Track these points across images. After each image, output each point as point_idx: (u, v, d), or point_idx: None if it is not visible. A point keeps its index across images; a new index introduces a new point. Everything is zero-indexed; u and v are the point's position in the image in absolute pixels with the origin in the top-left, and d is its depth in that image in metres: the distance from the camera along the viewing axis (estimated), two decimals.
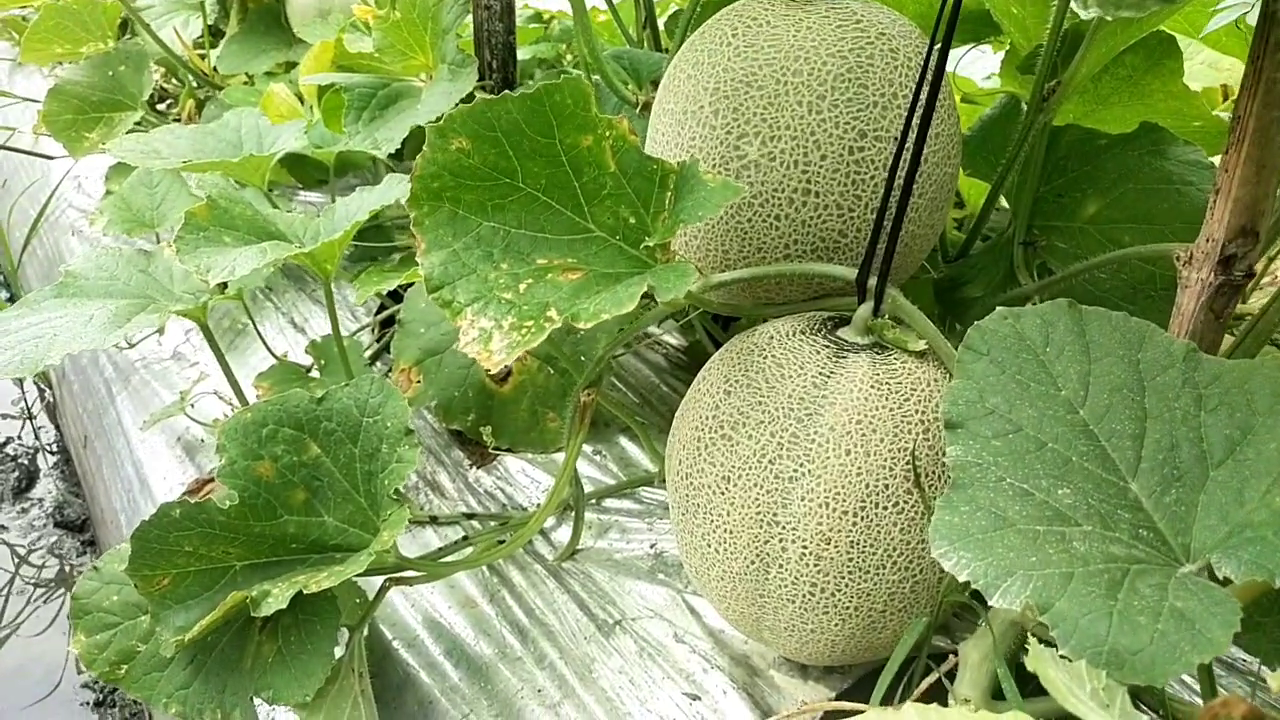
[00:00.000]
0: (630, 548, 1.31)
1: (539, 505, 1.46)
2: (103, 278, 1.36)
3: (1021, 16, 1.09)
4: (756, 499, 0.90)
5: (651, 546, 1.30)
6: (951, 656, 0.97)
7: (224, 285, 1.50)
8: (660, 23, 1.77)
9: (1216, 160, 1.12)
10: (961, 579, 0.69)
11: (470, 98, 1.71)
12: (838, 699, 1.09)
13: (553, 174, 0.88)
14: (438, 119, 0.84)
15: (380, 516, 1.14)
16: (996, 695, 0.86)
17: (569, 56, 2.29)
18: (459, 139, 0.84)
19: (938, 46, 0.85)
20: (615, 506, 1.38)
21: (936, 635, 1.01)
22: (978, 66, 1.71)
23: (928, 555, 0.90)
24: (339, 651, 1.08)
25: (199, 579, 1.11)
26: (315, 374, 1.66)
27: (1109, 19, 0.70)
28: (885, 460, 0.88)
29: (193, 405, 1.68)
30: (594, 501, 1.39)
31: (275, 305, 2.13)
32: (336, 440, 1.15)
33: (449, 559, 1.25)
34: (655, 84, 1.51)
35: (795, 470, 0.89)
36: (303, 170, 2.12)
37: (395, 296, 1.94)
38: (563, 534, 1.36)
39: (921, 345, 0.94)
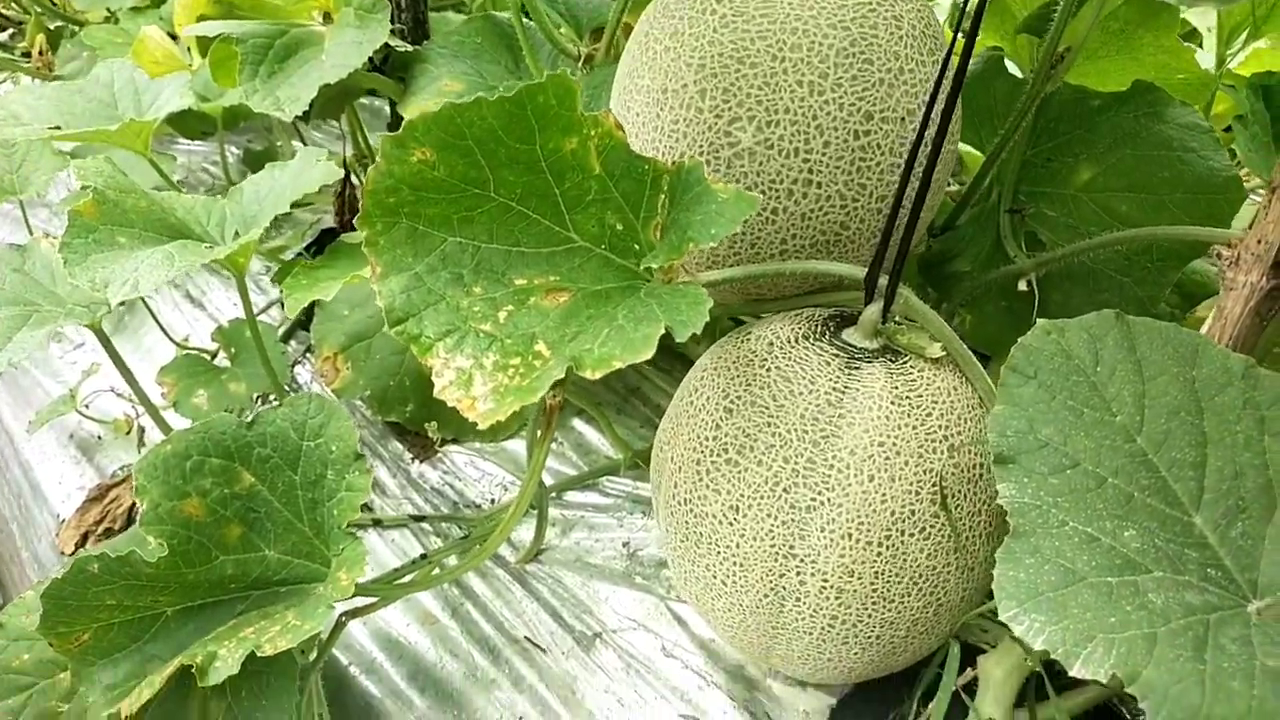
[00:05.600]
0: (601, 547, 1.22)
1: (494, 502, 1.35)
2: None
3: None
4: (770, 530, 0.82)
5: (624, 545, 1.22)
6: (969, 669, 0.92)
7: None
8: None
9: (1210, 122, 1.06)
10: (1037, 646, 0.63)
11: (386, 52, 1.54)
12: (839, 705, 1.04)
13: (530, 181, 0.75)
14: (397, 127, 0.70)
15: (331, 549, 1.02)
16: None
17: None
18: (421, 149, 0.70)
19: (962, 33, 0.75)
20: (579, 500, 1.29)
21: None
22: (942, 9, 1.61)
23: (952, 578, 0.84)
24: None
25: (125, 630, 0.98)
26: (223, 361, 1.50)
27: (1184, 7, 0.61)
28: (910, 484, 0.81)
29: (86, 406, 1.50)
30: (555, 495, 1.30)
31: None
32: (273, 467, 1.02)
33: (408, 579, 1.14)
34: (597, 33, 1.36)
35: (813, 499, 0.81)
36: (183, 122, 1.89)
37: None
38: (524, 531, 1.26)
39: (939, 351, 0.86)
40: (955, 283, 1.13)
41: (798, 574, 0.82)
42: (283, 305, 1.65)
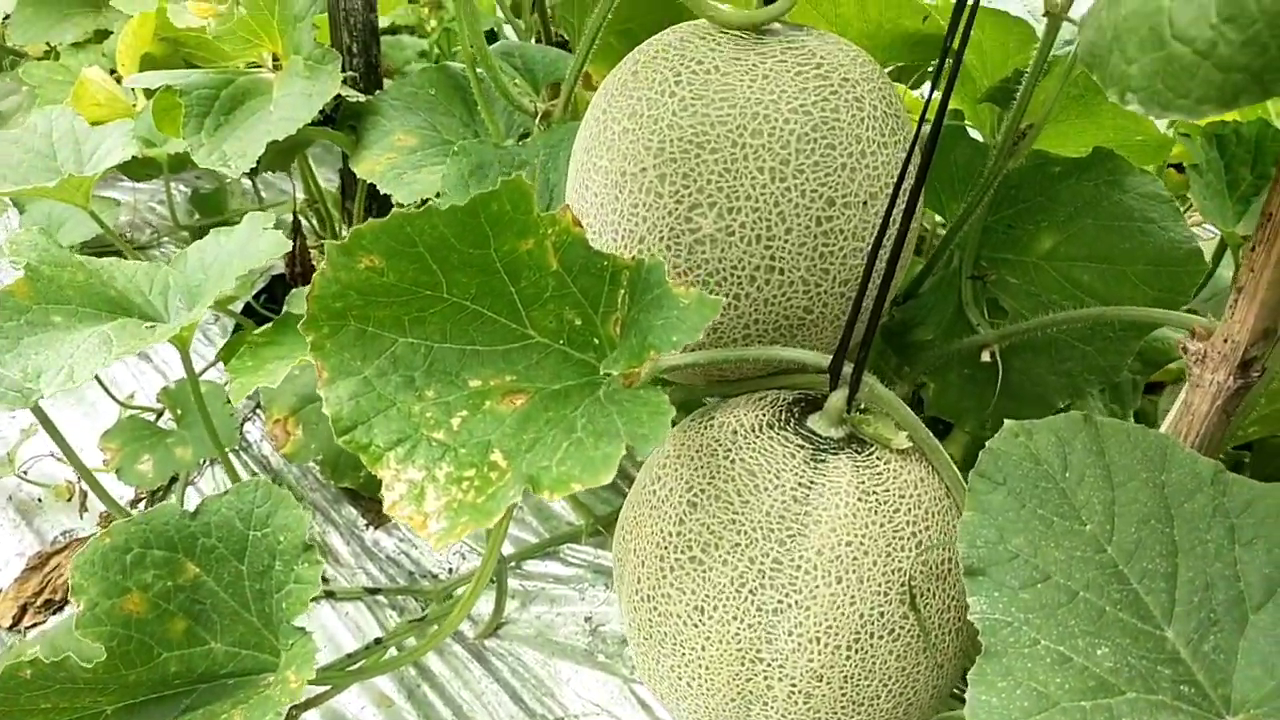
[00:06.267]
0: (562, 621, 1.19)
1: (451, 571, 1.32)
2: None
3: (981, 41, 0.98)
4: (736, 634, 0.80)
5: (586, 620, 1.19)
6: None
7: None
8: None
9: (1164, 187, 1.06)
10: None
11: (337, 101, 1.49)
12: None
13: (484, 282, 0.73)
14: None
15: (280, 640, 0.98)
16: None
17: (432, 22, 2.05)
18: (369, 257, 0.67)
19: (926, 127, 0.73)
20: (539, 570, 1.26)
21: None
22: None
23: (922, 677, 0.82)
24: None
25: None
26: (169, 423, 1.44)
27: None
28: (879, 585, 0.79)
29: (25, 472, 1.44)
30: (514, 565, 1.26)
31: None
32: (219, 558, 0.98)
33: (361, 664, 1.10)
34: (554, 88, 1.33)
35: (780, 602, 0.79)
36: (130, 166, 1.83)
37: (252, 313, 1.71)
38: (483, 604, 1.22)
39: (906, 442, 0.84)
40: (918, 351, 1.12)
41: (765, 679, 0.80)
42: None
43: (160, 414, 1.49)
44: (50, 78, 1.95)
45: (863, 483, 0.81)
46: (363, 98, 1.47)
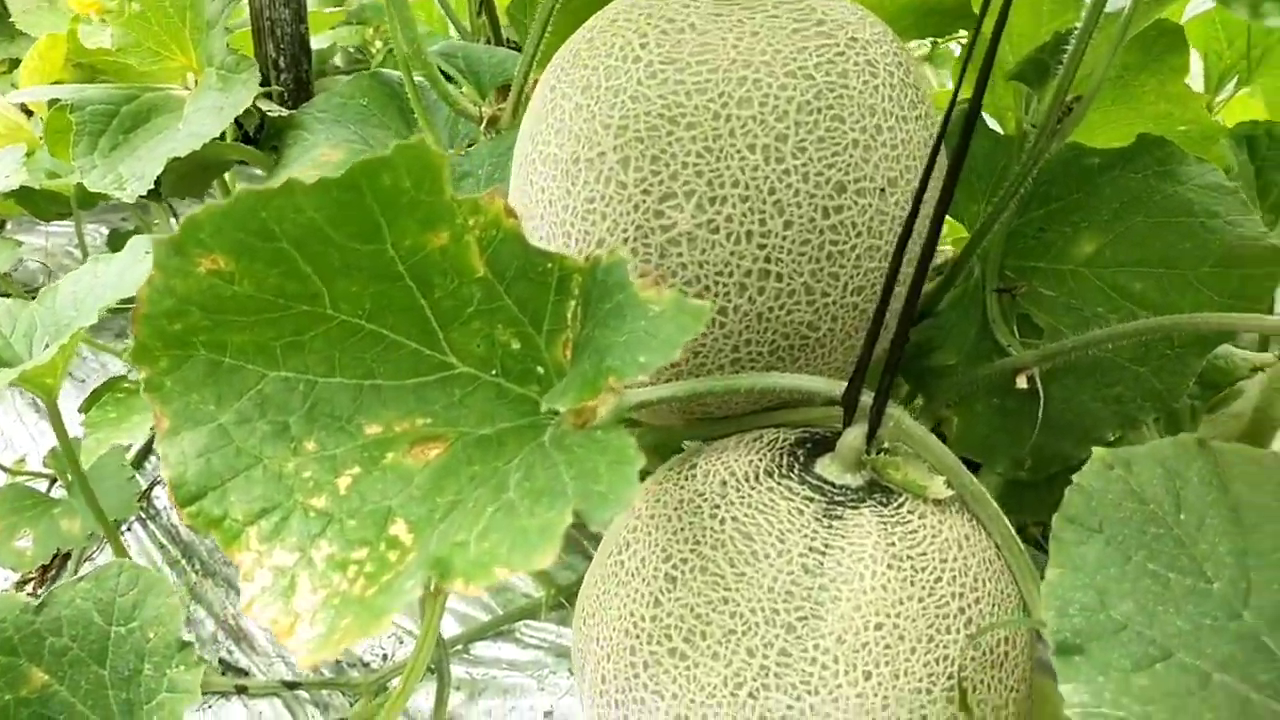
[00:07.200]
0: (517, 717, 0.98)
1: (386, 658, 1.11)
2: None
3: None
4: None
5: (546, 716, 0.98)
6: None
7: None
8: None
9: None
10: None
11: (254, 112, 1.32)
12: None
13: (383, 292, 0.54)
14: (182, 228, 0.47)
15: None
16: None
17: (377, 43, 1.89)
18: (210, 256, 0.48)
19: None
20: (490, 654, 1.05)
21: None
22: None
23: None
24: None
25: None
26: (60, 492, 1.24)
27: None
28: (920, 679, 0.60)
29: None
30: (460, 648, 1.06)
31: None
32: (73, 661, 0.77)
33: None
34: (502, 91, 1.16)
35: (790, 708, 0.59)
36: (35, 201, 1.64)
37: None
38: (421, 699, 1.02)
39: (945, 490, 0.65)
40: (937, 379, 0.94)
41: None
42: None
43: (54, 481, 1.28)
44: None
45: (892, 544, 0.63)
46: (287, 113, 1.29)
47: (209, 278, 0.49)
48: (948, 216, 0.64)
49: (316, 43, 1.74)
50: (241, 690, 1.06)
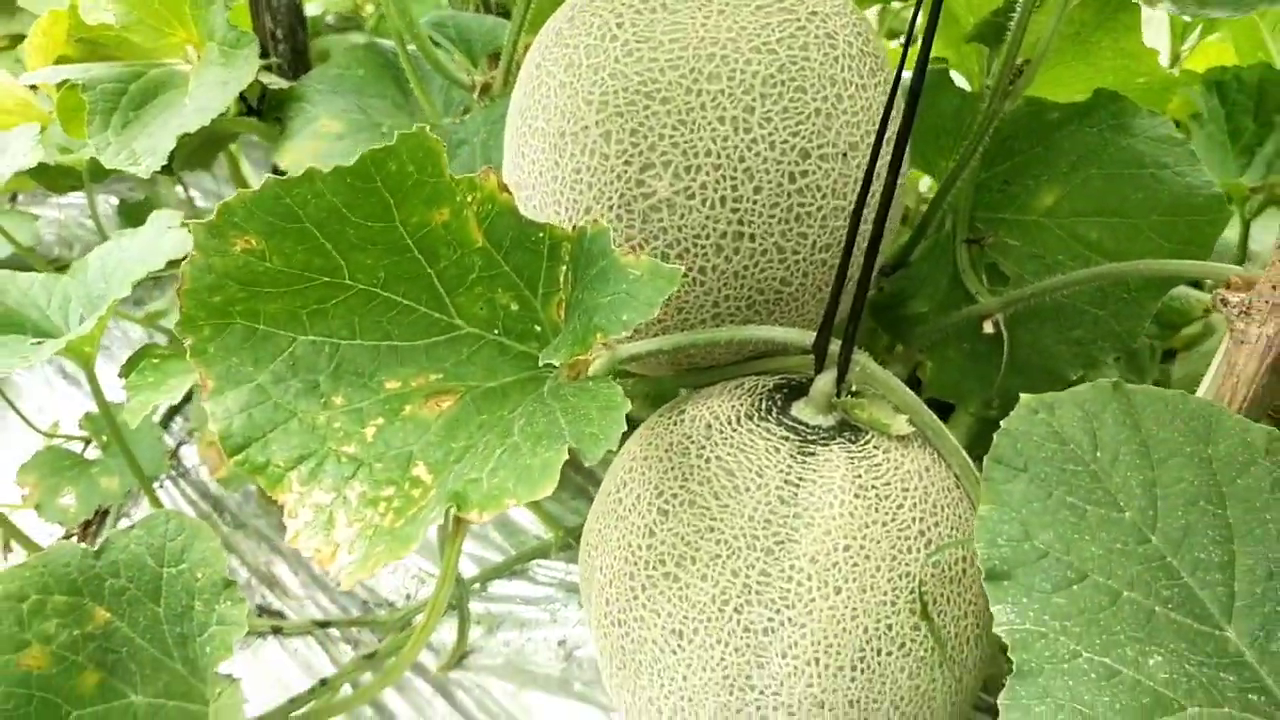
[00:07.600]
0: (533, 648, 1.07)
1: (409, 597, 1.19)
2: None
3: None
4: (722, 659, 0.68)
5: (560, 645, 1.07)
6: None
7: None
8: None
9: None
10: None
11: (257, 88, 1.37)
12: None
13: (395, 263, 0.61)
14: (218, 213, 0.54)
15: (209, 689, 0.86)
16: None
17: (369, 8, 1.93)
18: (244, 238, 0.55)
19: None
20: (506, 591, 1.14)
21: None
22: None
23: (939, 694, 0.71)
24: None
25: None
26: (95, 453, 1.32)
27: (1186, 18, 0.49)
28: (884, 593, 0.68)
29: None
30: (478, 587, 1.14)
31: None
32: (131, 600, 0.85)
33: (310, 706, 0.98)
34: (494, 59, 1.21)
35: (770, 619, 0.67)
36: (49, 176, 1.70)
37: None
38: (445, 632, 1.11)
39: (906, 426, 0.73)
40: (912, 326, 1.01)
41: (758, 708, 0.68)
42: None
43: (89, 442, 1.36)
44: None
45: (859, 476, 0.70)
46: (287, 85, 1.35)
47: (243, 255, 0.56)
48: (921, 173, 0.69)
49: (311, 8, 1.78)
50: (277, 630, 1.15)
